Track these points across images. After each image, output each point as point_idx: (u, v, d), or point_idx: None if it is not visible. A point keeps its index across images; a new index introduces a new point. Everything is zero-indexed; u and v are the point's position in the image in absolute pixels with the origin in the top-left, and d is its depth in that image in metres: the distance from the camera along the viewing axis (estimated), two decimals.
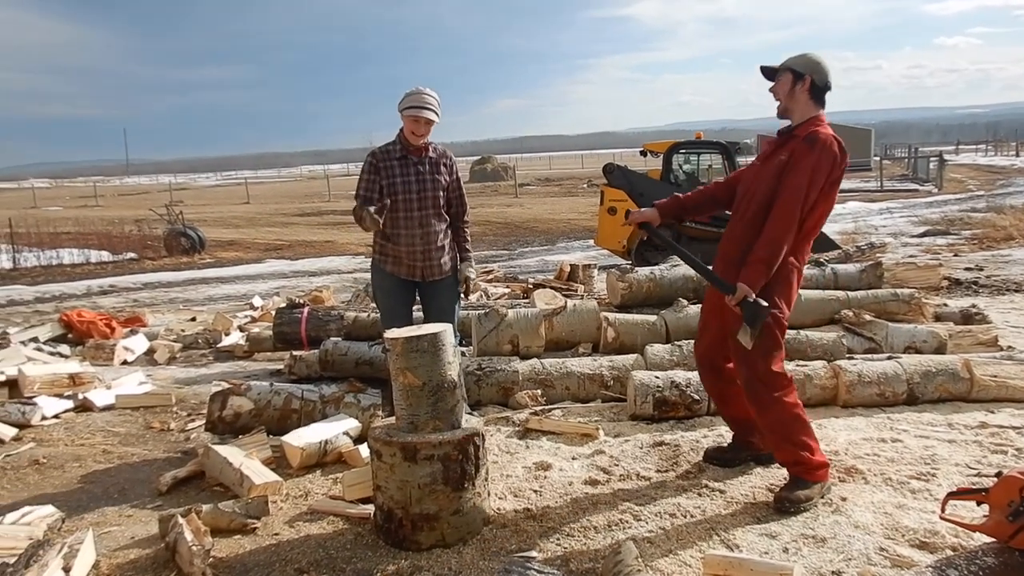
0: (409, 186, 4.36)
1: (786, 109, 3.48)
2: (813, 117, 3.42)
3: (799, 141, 3.35)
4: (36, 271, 16.67)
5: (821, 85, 3.41)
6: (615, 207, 11.78)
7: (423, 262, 4.44)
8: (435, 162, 4.45)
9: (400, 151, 4.40)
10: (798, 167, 3.28)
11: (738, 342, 3.30)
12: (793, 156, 3.33)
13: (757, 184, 3.47)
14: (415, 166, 4.39)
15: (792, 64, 3.43)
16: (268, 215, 28.56)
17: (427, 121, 4.30)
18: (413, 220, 4.38)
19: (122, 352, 7.24)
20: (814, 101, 3.43)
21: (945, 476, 3.56)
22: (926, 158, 34.21)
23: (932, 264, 8.50)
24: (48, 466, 4.42)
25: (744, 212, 3.48)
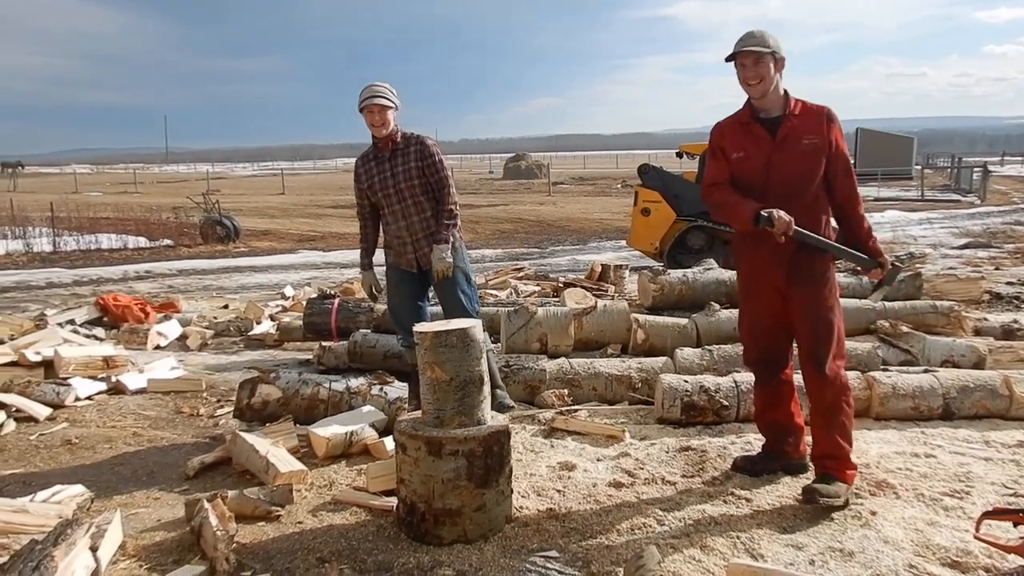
0: (385, 182, 4.47)
1: (765, 92, 3.41)
2: (786, 92, 3.48)
3: (815, 120, 3.42)
4: (75, 255, 16.97)
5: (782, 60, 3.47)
6: (649, 208, 11.71)
7: (414, 252, 4.53)
8: (404, 151, 4.48)
9: (373, 151, 4.52)
10: (840, 144, 3.44)
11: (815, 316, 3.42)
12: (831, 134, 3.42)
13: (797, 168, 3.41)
14: (387, 161, 4.48)
15: (774, 48, 3.38)
16: (302, 206, 28.80)
17: (380, 108, 4.36)
18: (396, 214, 4.50)
19: (155, 337, 7.34)
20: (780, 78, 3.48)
21: (980, 494, 3.47)
22: (970, 168, 33.53)
23: (973, 277, 8.32)
24: (80, 446, 4.49)
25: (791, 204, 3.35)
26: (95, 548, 2.91)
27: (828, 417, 3.44)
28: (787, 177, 3.44)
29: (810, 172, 3.42)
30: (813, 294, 3.43)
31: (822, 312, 3.42)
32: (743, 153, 3.50)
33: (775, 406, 3.71)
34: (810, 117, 3.43)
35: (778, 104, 3.46)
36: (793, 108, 3.45)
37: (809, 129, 3.41)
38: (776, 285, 3.49)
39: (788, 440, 3.70)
